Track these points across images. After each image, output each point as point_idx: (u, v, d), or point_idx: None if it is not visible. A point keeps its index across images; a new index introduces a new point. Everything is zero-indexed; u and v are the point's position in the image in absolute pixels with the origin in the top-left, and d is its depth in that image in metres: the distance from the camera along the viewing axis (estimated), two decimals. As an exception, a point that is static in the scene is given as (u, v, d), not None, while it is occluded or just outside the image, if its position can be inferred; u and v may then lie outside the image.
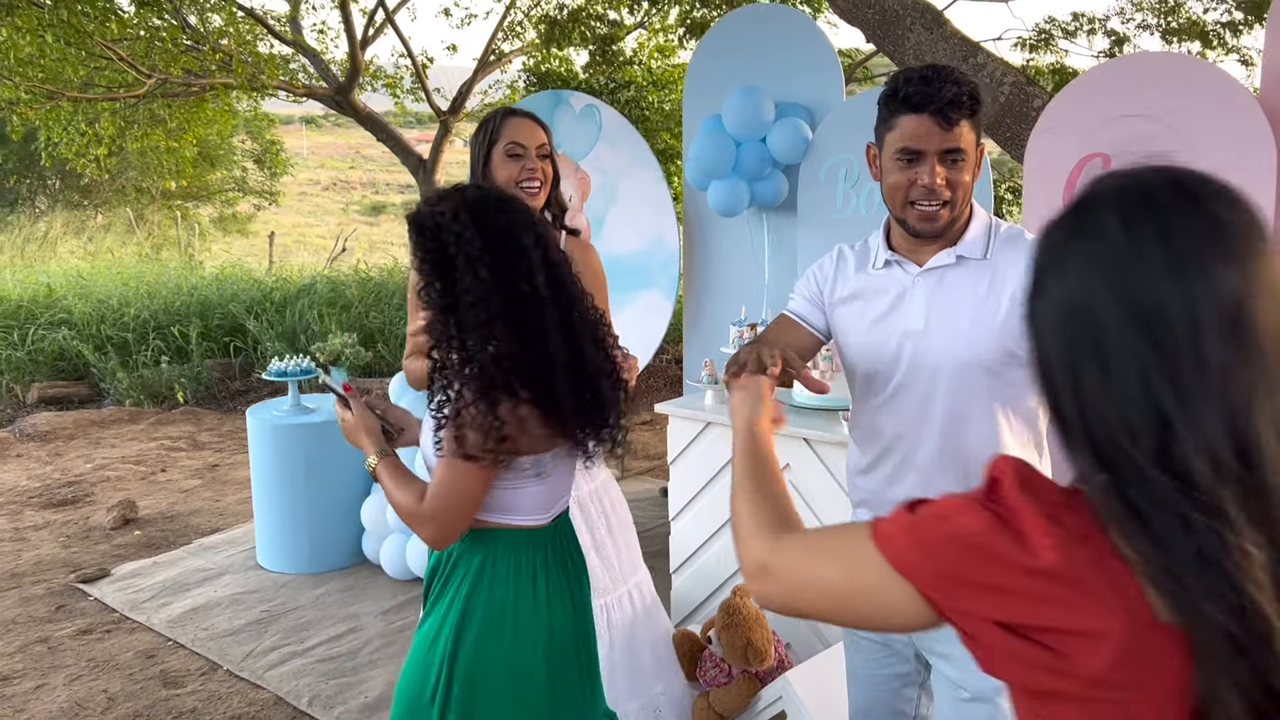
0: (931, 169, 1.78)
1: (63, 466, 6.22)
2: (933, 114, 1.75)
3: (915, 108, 1.76)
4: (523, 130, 2.51)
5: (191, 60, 9.20)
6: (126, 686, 3.59)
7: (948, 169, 1.79)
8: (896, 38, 5.65)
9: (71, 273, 10.43)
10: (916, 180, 1.79)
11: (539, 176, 2.51)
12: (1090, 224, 0.91)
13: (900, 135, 1.79)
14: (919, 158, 1.79)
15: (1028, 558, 0.86)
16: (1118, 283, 0.87)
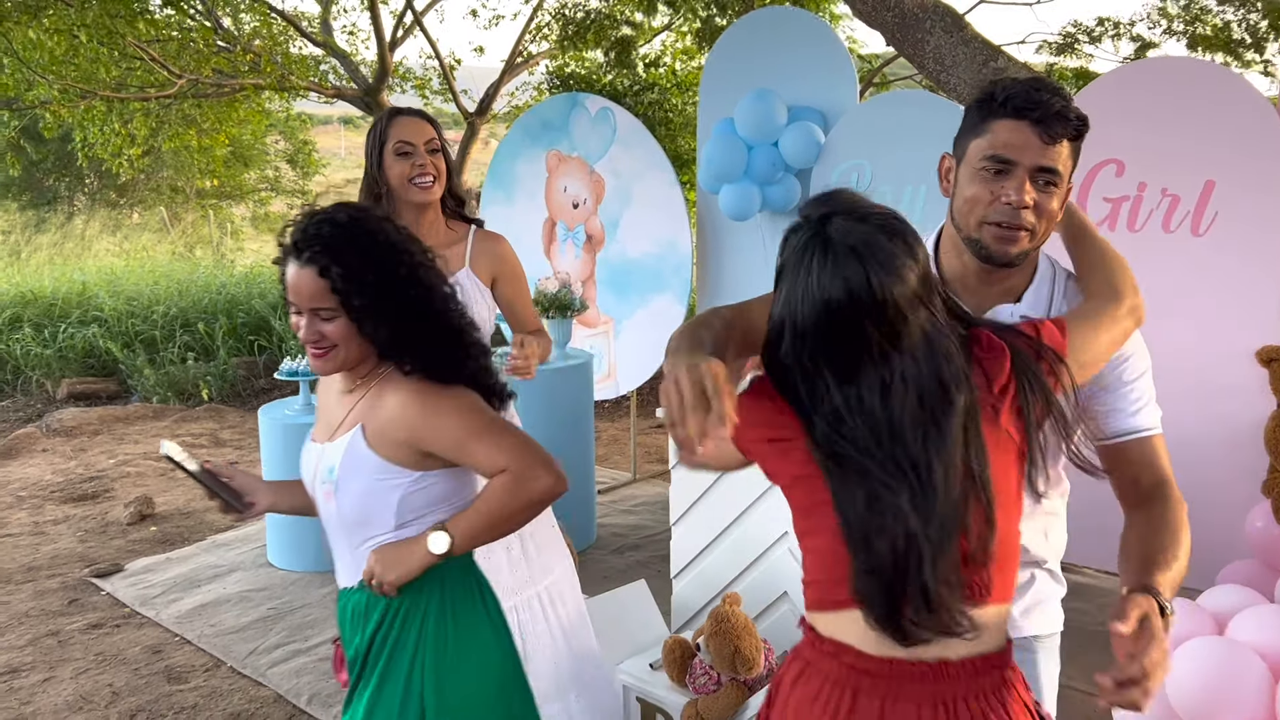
0: (1021, 184, 1.53)
1: (86, 462, 6.32)
2: (1034, 123, 1.52)
3: (1016, 112, 1.53)
4: (409, 128, 2.55)
5: (222, 61, 9.32)
6: (131, 681, 3.64)
7: (1038, 190, 1.54)
8: (916, 41, 5.61)
9: (105, 270, 10.61)
10: (1001, 196, 1.54)
11: (430, 171, 2.55)
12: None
13: (992, 142, 1.54)
14: (1009, 169, 1.53)
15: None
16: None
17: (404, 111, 2.61)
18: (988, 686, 1.29)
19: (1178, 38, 6.59)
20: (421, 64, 11.86)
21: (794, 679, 1.36)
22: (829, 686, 1.30)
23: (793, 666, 1.38)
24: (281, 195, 16.76)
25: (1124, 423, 1.61)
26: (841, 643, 1.30)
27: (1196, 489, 3.68)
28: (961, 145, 1.61)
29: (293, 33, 10.61)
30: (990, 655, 1.31)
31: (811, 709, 1.30)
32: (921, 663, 1.27)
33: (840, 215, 1.30)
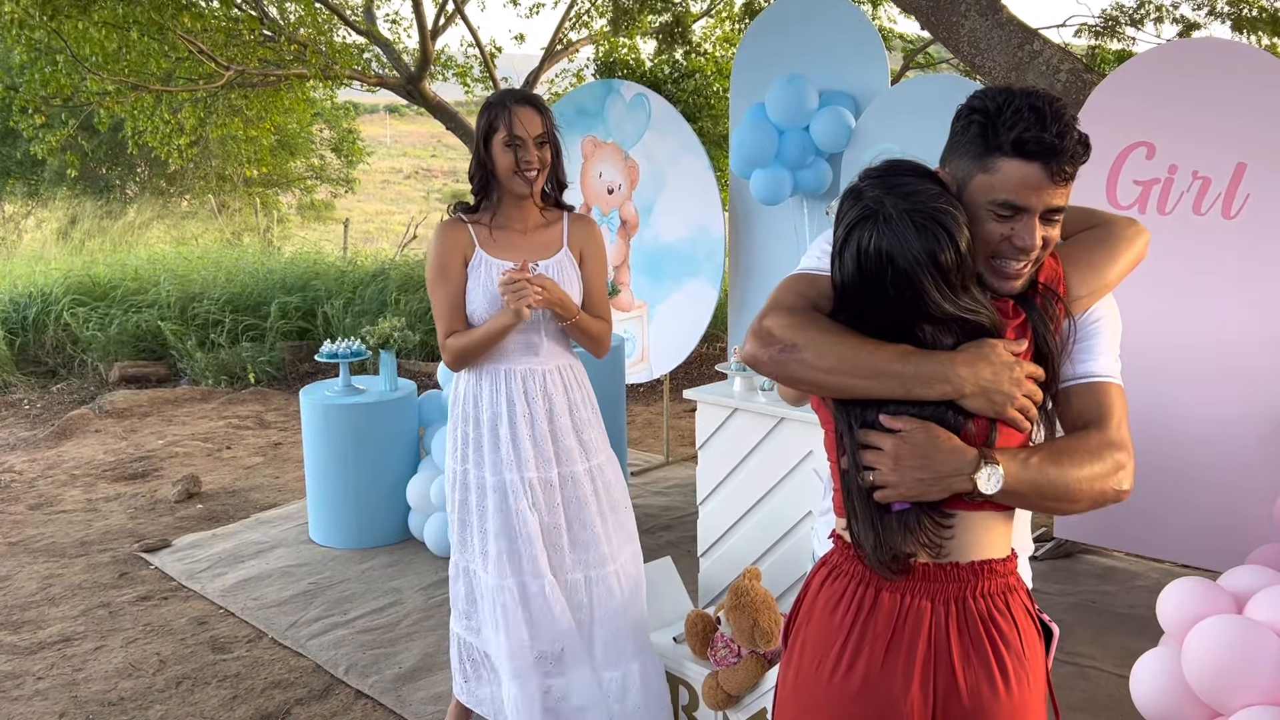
0: (1033, 228, 1.49)
1: (136, 442, 6.52)
2: (1046, 166, 1.45)
3: (1027, 155, 1.45)
4: (523, 121, 2.58)
5: (268, 51, 9.49)
6: (178, 650, 3.79)
7: (1047, 228, 1.51)
8: (951, 24, 5.58)
9: (156, 257, 10.86)
10: (1013, 239, 1.49)
11: (536, 165, 2.61)
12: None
13: (1002, 184, 1.47)
14: (1020, 214, 1.48)
15: None
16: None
17: (516, 99, 2.62)
18: (993, 588, 1.47)
19: (1222, 19, 6.48)
20: (463, 52, 11.97)
21: (823, 580, 1.54)
22: (855, 584, 1.49)
23: (820, 571, 1.56)
24: (326, 183, 17.01)
25: (1079, 368, 1.59)
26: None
27: (1228, 472, 3.68)
28: (962, 169, 1.52)
29: (337, 22, 10.76)
30: (995, 561, 1.49)
31: (839, 605, 1.49)
32: (935, 564, 1.46)
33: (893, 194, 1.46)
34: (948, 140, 1.57)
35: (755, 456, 3.60)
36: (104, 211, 13.67)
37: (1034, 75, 5.26)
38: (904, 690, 1.43)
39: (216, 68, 9.06)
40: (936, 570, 1.45)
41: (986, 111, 1.48)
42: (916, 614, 1.44)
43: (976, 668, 1.43)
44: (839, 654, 1.47)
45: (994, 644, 1.44)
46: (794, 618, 1.61)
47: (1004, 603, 1.48)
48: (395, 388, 4.77)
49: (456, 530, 2.82)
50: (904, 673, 1.43)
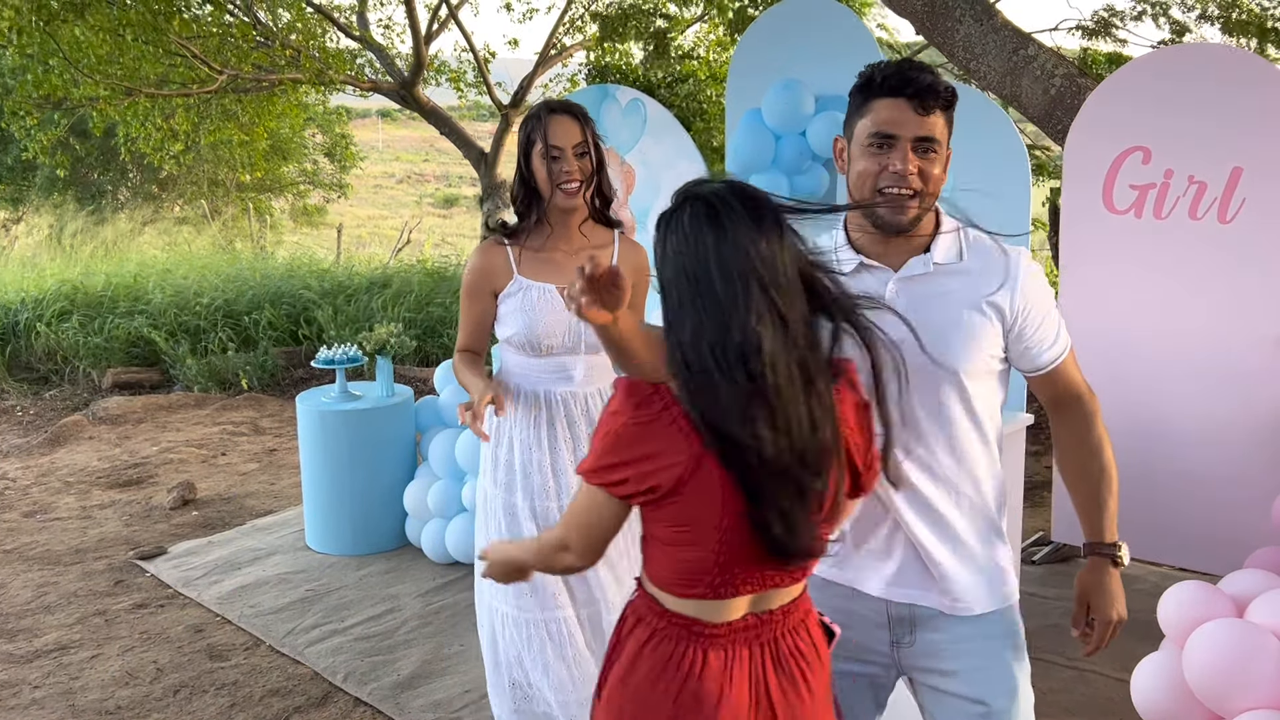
0: (904, 154, 1.73)
1: (130, 449, 6.49)
2: (909, 98, 1.72)
3: (892, 91, 1.73)
4: (559, 131, 2.50)
5: (261, 56, 9.48)
6: (175, 658, 3.77)
7: (920, 158, 1.74)
8: (946, 29, 5.61)
9: (149, 263, 10.83)
10: (888, 166, 1.73)
11: (577, 177, 2.52)
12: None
13: (874, 120, 1.74)
14: (891, 143, 1.73)
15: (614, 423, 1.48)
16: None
17: (555, 109, 2.55)
18: (795, 621, 1.59)
19: (1212, 21, 6.51)
20: (456, 57, 11.98)
21: (643, 642, 1.55)
22: (683, 647, 1.52)
23: (638, 632, 1.57)
24: (319, 188, 16.98)
25: (1043, 357, 1.86)
26: (691, 616, 1.53)
27: (1223, 475, 3.69)
28: (850, 126, 1.81)
29: (329, 27, 10.76)
30: (797, 599, 1.60)
31: (667, 668, 1.52)
32: (751, 615, 1.55)
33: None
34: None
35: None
36: (96, 217, 13.62)
37: (1029, 80, 5.28)
38: None
39: (210, 73, 9.05)
40: (755, 620, 1.55)
41: (862, 75, 1.78)
42: (739, 666, 1.53)
43: (790, 694, 1.56)
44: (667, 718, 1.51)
45: (800, 668, 1.58)
46: (608, 669, 1.60)
47: (804, 629, 1.61)
48: (392, 394, 4.76)
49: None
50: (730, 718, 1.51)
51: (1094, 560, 1.90)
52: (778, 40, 5.09)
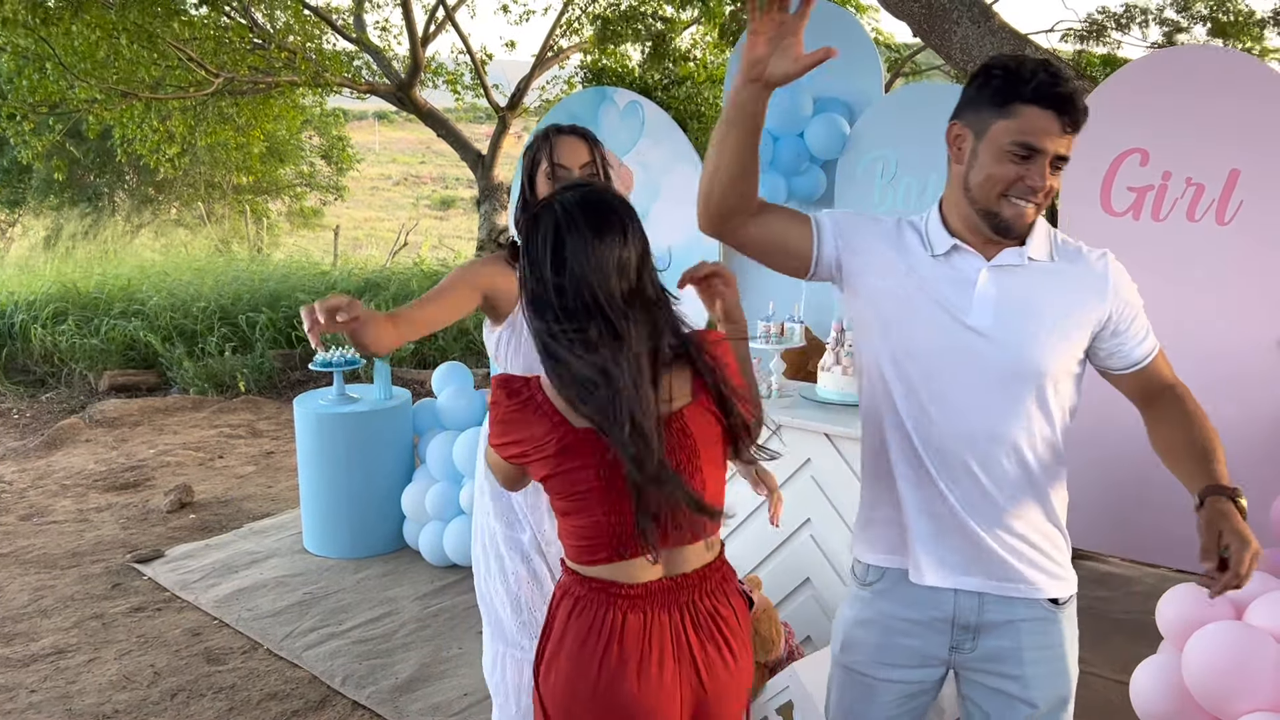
0: (1043, 170, 1.69)
1: (127, 451, 6.48)
2: (1060, 113, 1.67)
3: (1046, 102, 1.66)
4: (566, 151, 2.39)
5: (258, 58, 9.47)
6: (172, 662, 3.76)
7: (1052, 174, 1.71)
8: (943, 31, 5.61)
9: (145, 265, 10.81)
10: (1024, 179, 1.70)
11: None
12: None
13: (1020, 127, 1.67)
14: (1034, 156, 1.69)
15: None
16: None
17: (562, 130, 2.44)
18: (713, 585, 1.69)
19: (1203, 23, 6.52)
20: (453, 59, 11.97)
21: (570, 612, 1.68)
22: (603, 611, 1.64)
23: (564, 603, 1.70)
24: (316, 190, 16.97)
25: (1136, 352, 1.86)
26: (608, 580, 1.65)
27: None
28: (980, 119, 1.72)
29: (326, 29, 10.75)
30: (711, 563, 1.70)
31: (590, 636, 1.63)
32: (666, 579, 1.65)
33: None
34: (960, 98, 1.78)
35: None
36: (92, 220, 13.60)
37: (1026, 82, 5.28)
38: (658, 695, 1.62)
39: (206, 75, 9.04)
40: (670, 584, 1.65)
41: (1007, 68, 1.70)
42: (660, 627, 1.64)
43: (712, 653, 1.67)
44: (597, 680, 1.62)
45: (720, 631, 1.69)
46: (544, 642, 1.72)
47: (722, 593, 1.72)
48: (389, 396, 4.76)
49: (511, 611, 2.47)
50: (657, 681, 1.62)
51: (1215, 500, 1.72)
52: (775, 42, 5.09)
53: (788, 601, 3.55)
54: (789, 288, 5.13)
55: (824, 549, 3.45)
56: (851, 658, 1.93)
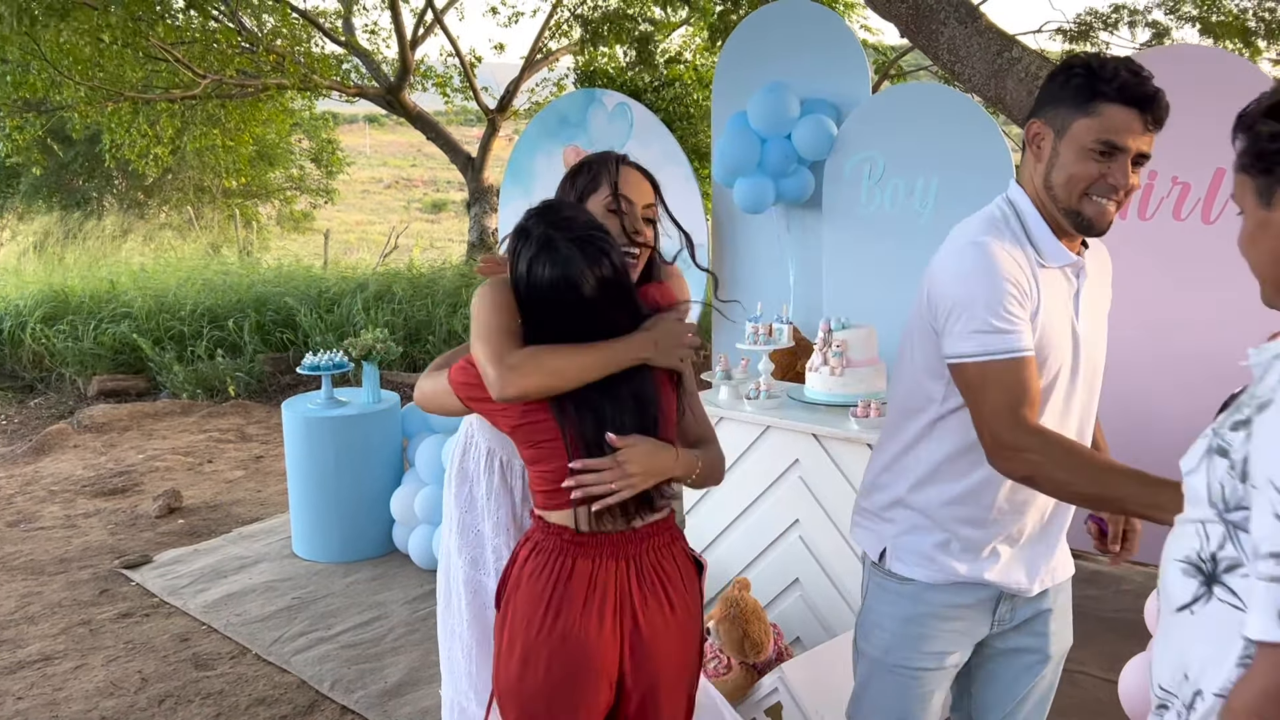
0: (1125, 168, 1.70)
1: (116, 456, 6.45)
2: (1143, 112, 1.68)
3: (1129, 100, 1.67)
4: (632, 185, 2.09)
5: (246, 61, 9.45)
6: (160, 668, 3.74)
7: (1133, 172, 1.73)
8: (930, 32, 5.61)
9: (135, 269, 10.78)
10: (1106, 177, 1.70)
11: (643, 240, 2.09)
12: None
13: (1104, 126, 1.68)
14: (1117, 154, 1.69)
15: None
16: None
17: (628, 162, 2.17)
18: (660, 542, 1.86)
19: (1193, 23, 6.56)
20: (442, 61, 11.97)
21: (527, 555, 1.86)
22: (555, 556, 1.82)
23: (525, 547, 1.88)
24: (306, 194, 16.94)
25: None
26: (564, 526, 1.83)
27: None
28: (1061, 118, 1.71)
29: (314, 32, 10.73)
30: (660, 521, 1.87)
31: (542, 573, 1.81)
32: (617, 532, 1.82)
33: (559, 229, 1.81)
34: (1040, 96, 1.77)
35: (742, 465, 3.59)
36: (80, 224, 13.56)
37: (1013, 82, 5.29)
38: (599, 634, 1.79)
39: (194, 78, 9.02)
40: (620, 537, 1.82)
41: (1088, 67, 1.71)
42: (605, 573, 1.81)
43: (651, 603, 1.82)
44: (544, 613, 1.80)
45: (663, 583, 1.84)
46: (504, 587, 1.91)
47: (669, 551, 1.88)
48: (378, 399, 4.75)
49: (462, 656, 2.33)
50: (597, 620, 1.79)
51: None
52: (762, 44, 5.10)
53: (776, 603, 3.55)
54: (776, 289, 5.14)
55: (813, 550, 3.45)
56: (900, 656, 1.90)
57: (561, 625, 1.79)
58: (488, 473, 2.24)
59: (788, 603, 3.53)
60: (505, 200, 6.26)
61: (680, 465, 1.85)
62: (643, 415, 1.83)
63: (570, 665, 1.79)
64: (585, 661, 1.79)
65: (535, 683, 1.81)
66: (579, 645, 1.79)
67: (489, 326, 1.83)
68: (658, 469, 1.81)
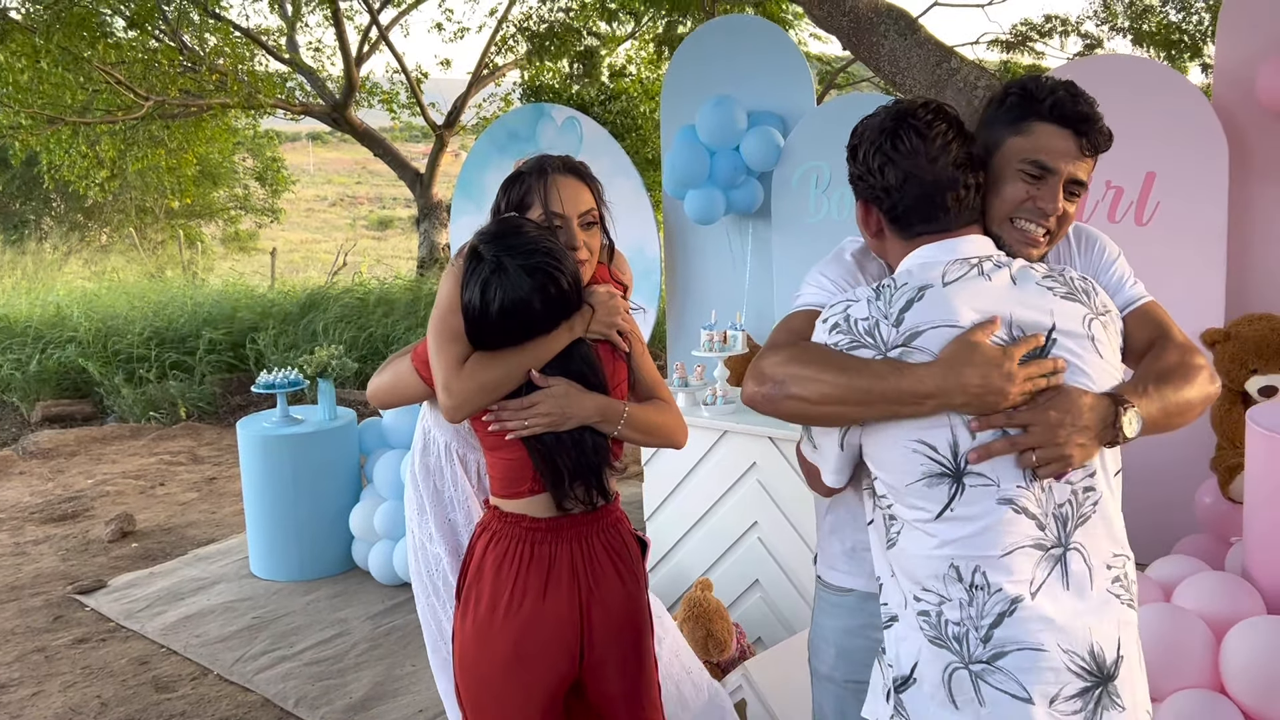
0: (1055, 192, 1.58)
1: (64, 483, 6.35)
2: (1077, 133, 1.58)
3: (1062, 119, 1.58)
4: (564, 195, 1.96)
5: (189, 81, 9.36)
6: (119, 692, 3.70)
7: (1066, 199, 1.60)
8: (871, 44, 5.76)
9: (77, 293, 10.60)
10: (1035, 200, 1.59)
11: (584, 254, 1.98)
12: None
13: (1034, 144, 1.58)
14: (1048, 176, 1.58)
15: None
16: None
17: (556, 166, 2.01)
18: (608, 522, 1.99)
19: (1123, 34, 6.79)
20: (388, 78, 11.94)
21: (487, 544, 1.96)
22: (515, 544, 1.93)
23: (484, 536, 1.98)
24: (251, 213, 16.76)
25: (1121, 297, 1.72)
26: (521, 514, 1.94)
27: (1150, 468, 3.83)
28: (994, 136, 1.62)
29: (258, 50, 10.66)
30: (606, 507, 1.99)
31: (503, 563, 1.92)
32: (568, 515, 1.94)
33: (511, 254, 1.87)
34: (979, 119, 1.67)
35: (700, 470, 3.65)
36: (18, 248, 13.29)
37: (952, 92, 5.45)
38: (557, 614, 1.90)
39: (135, 98, 8.91)
40: (574, 520, 1.94)
41: (1024, 87, 1.63)
42: (563, 556, 1.92)
43: (604, 579, 1.95)
44: (509, 600, 1.90)
45: (613, 559, 1.97)
46: (464, 577, 2.00)
47: (616, 531, 2.00)
48: (335, 416, 4.74)
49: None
50: (555, 600, 1.90)
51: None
52: (708, 58, 5.19)
53: (738, 603, 3.61)
54: (730, 297, 5.22)
55: (772, 551, 3.52)
56: (849, 671, 1.80)
57: (525, 610, 1.89)
58: (449, 464, 2.31)
59: (749, 603, 3.60)
60: (456, 215, 6.28)
61: (600, 410, 1.92)
62: (596, 382, 1.94)
63: (533, 647, 1.90)
64: (547, 642, 1.90)
65: (496, 666, 1.91)
66: (541, 628, 1.90)
67: (440, 335, 1.92)
68: (575, 411, 1.90)
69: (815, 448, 1.64)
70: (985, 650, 1.44)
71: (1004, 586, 1.44)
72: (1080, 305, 1.54)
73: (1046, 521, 1.46)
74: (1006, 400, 1.43)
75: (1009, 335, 1.48)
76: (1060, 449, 1.43)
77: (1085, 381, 1.50)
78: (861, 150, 1.62)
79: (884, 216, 1.61)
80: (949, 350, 1.44)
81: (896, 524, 1.53)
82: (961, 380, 1.42)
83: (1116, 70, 3.97)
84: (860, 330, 1.50)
